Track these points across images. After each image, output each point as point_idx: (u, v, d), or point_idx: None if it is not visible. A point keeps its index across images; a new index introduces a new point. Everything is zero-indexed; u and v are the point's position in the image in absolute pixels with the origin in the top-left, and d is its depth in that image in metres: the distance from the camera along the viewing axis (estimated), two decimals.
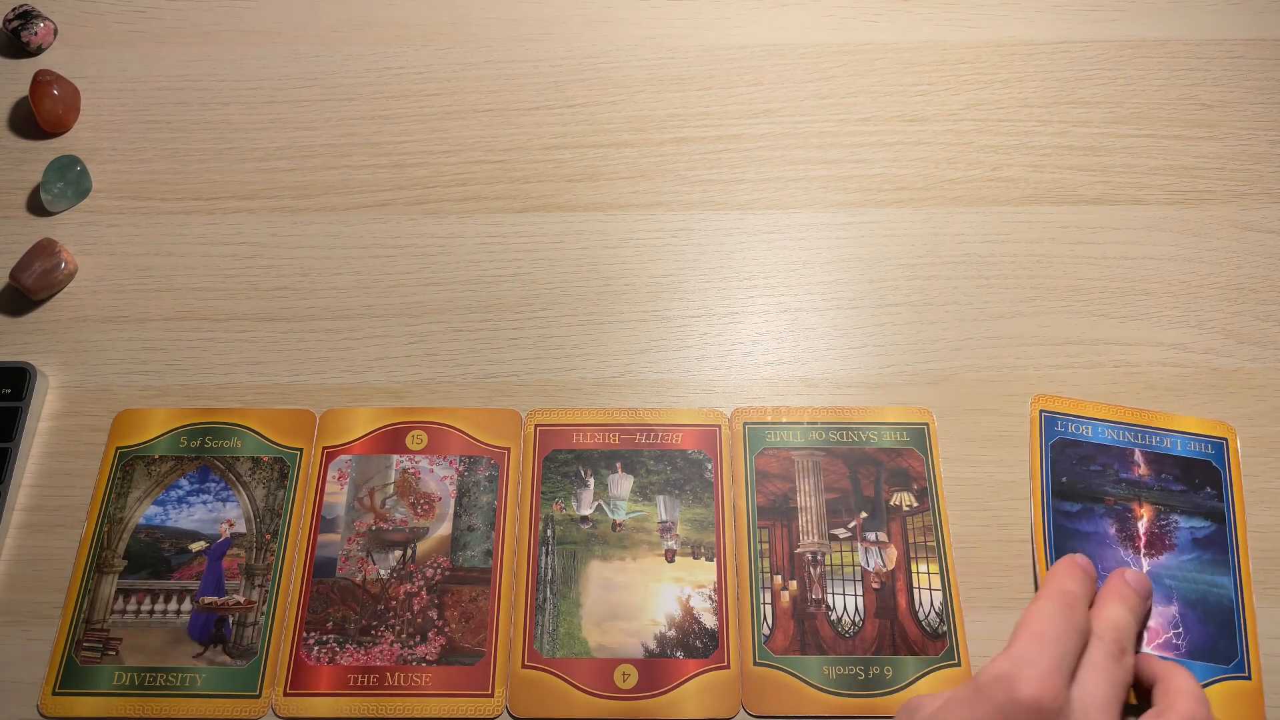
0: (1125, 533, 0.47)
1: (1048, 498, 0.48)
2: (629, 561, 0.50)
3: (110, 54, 0.66)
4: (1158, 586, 0.46)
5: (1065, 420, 0.50)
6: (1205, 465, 0.49)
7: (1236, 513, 0.48)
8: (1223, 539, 0.47)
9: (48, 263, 0.57)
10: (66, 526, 0.51)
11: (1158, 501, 0.48)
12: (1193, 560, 0.47)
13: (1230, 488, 0.49)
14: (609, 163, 0.62)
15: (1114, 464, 0.49)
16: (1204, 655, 0.45)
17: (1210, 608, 0.46)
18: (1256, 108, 0.63)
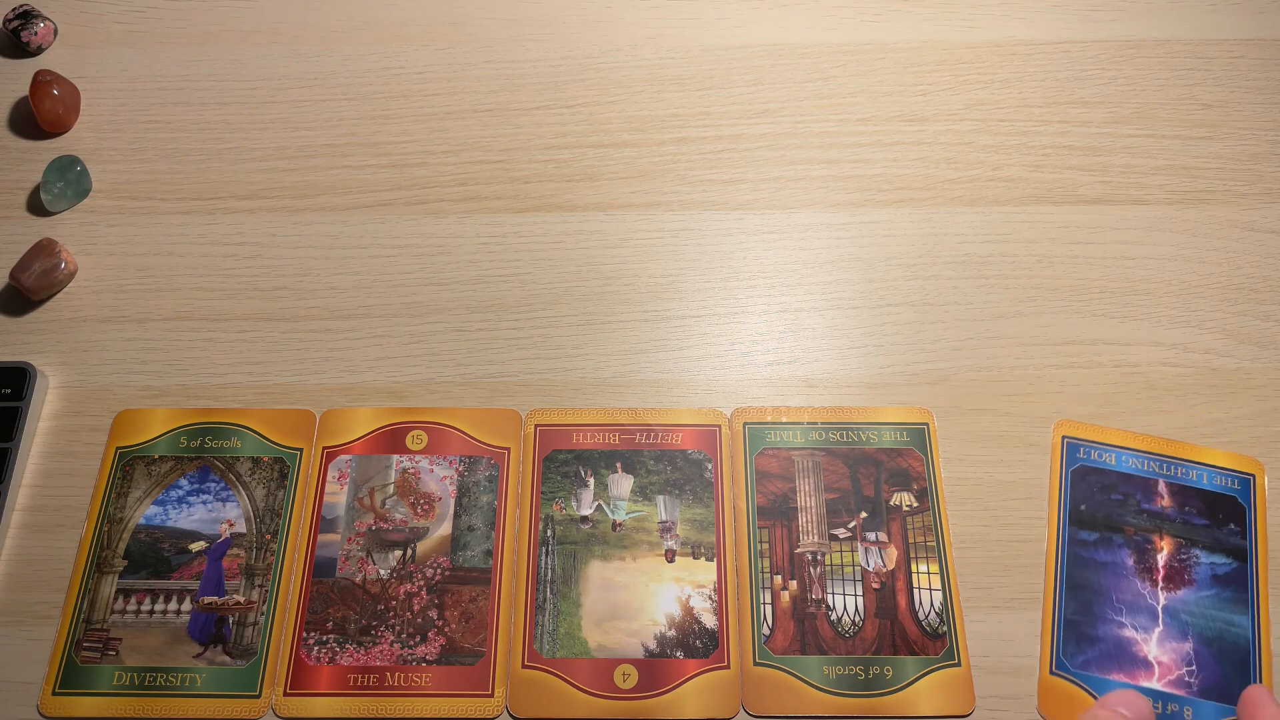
0: (1144, 564, 0.47)
1: (1064, 525, 0.48)
2: (629, 561, 0.50)
3: (110, 54, 0.66)
4: (1174, 621, 0.45)
5: (1088, 447, 0.49)
6: (1230, 501, 0.48)
7: (1260, 552, 0.47)
8: (1243, 578, 0.46)
9: (48, 263, 0.57)
10: (66, 526, 0.51)
11: (1179, 535, 0.47)
12: (1211, 597, 0.46)
13: (1255, 526, 0.48)
14: (609, 163, 0.62)
15: (1136, 494, 0.48)
16: (1216, 695, 0.44)
17: (1226, 647, 0.45)
18: (1257, 108, 0.63)
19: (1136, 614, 0.46)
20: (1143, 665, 0.45)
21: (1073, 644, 0.46)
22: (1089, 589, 0.47)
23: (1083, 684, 0.45)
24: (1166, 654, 0.45)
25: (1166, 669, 0.45)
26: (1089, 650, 0.45)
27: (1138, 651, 0.45)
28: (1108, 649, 0.45)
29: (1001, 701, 0.47)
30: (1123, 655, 0.45)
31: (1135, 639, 0.45)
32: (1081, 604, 0.46)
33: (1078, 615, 0.46)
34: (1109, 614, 0.46)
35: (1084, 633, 0.46)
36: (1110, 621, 0.46)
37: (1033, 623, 0.48)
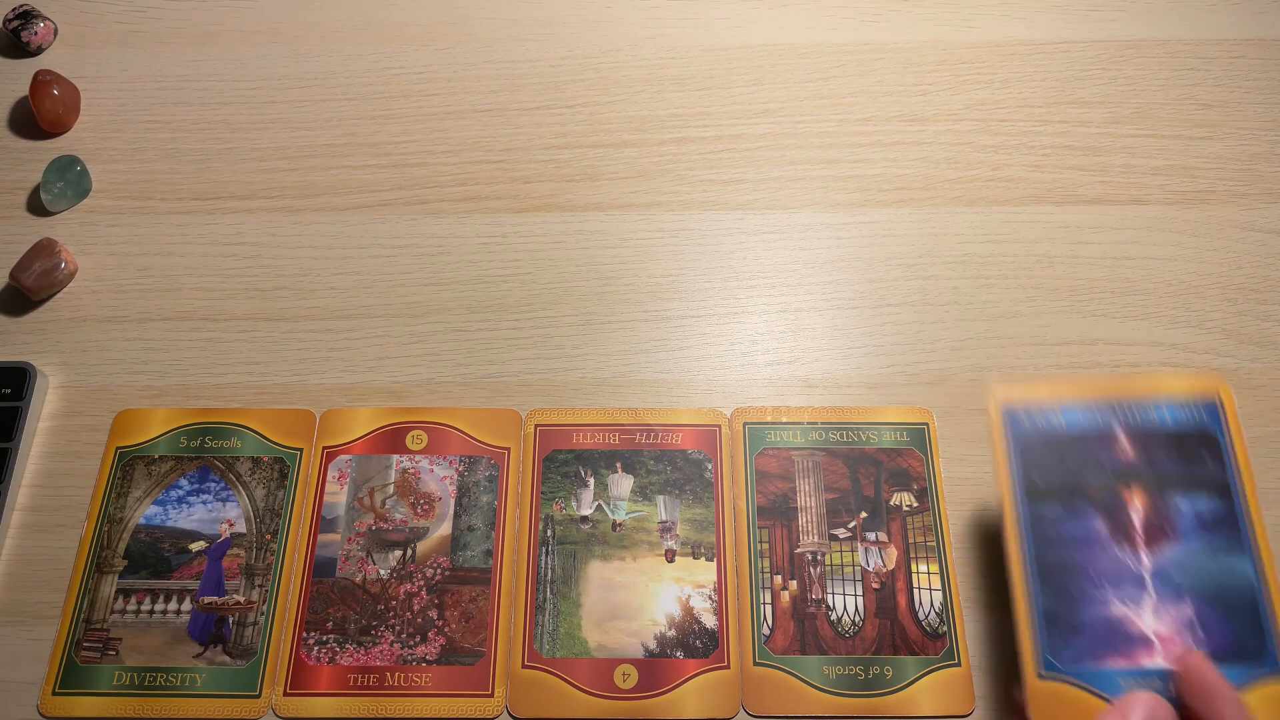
0: (1119, 528, 0.41)
1: (1023, 506, 0.42)
2: (629, 561, 0.50)
3: (110, 54, 0.66)
4: (1166, 585, 0.40)
5: (1030, 413, 0.43)
6: (1200, 433, 0.42)
7: (1243, 480, 0.41)
8: (1232, 515, 0.41)
9: (48, 263, 0.57)
10: (66, 526, 0.51)
11: (1151, 484, 0.41)
12: (1202, 546, 0.40)
13: (1232, 453, 0.42)
14: (609, 163, 0.62)
15: (1094, 451, 0.42)
16: (1231, 657, 0.38)
17: (1230, 599, 0.39)
18: (1257, 108, 0.63)
19: (1122, 586, 0.40)
20: (1141, 643, 0.39)
21: (1058, 638, 0.40)
22: (1064, 571, 0.41)
23: (1078, 681, 0.39)
24: (1165, 624, 0.39)
25: (1169, 641, 0.39)
26: (1077, 641, 0.40)
27: (1132, 629, 0.40)
28: (1098, 634, 0.40)
29: (1001, 701, 0.47)
30: (1116, 637, 0.40)
31: (1126, 615, 0.40)
32: (1058, 590, 0.41)
33: (1056, 604, 0.40)
34: (1091, 594, 0.40)
35: (1067, 622, 0.40)
36: (1094, 602, 0.40)
37: None
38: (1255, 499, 0.41)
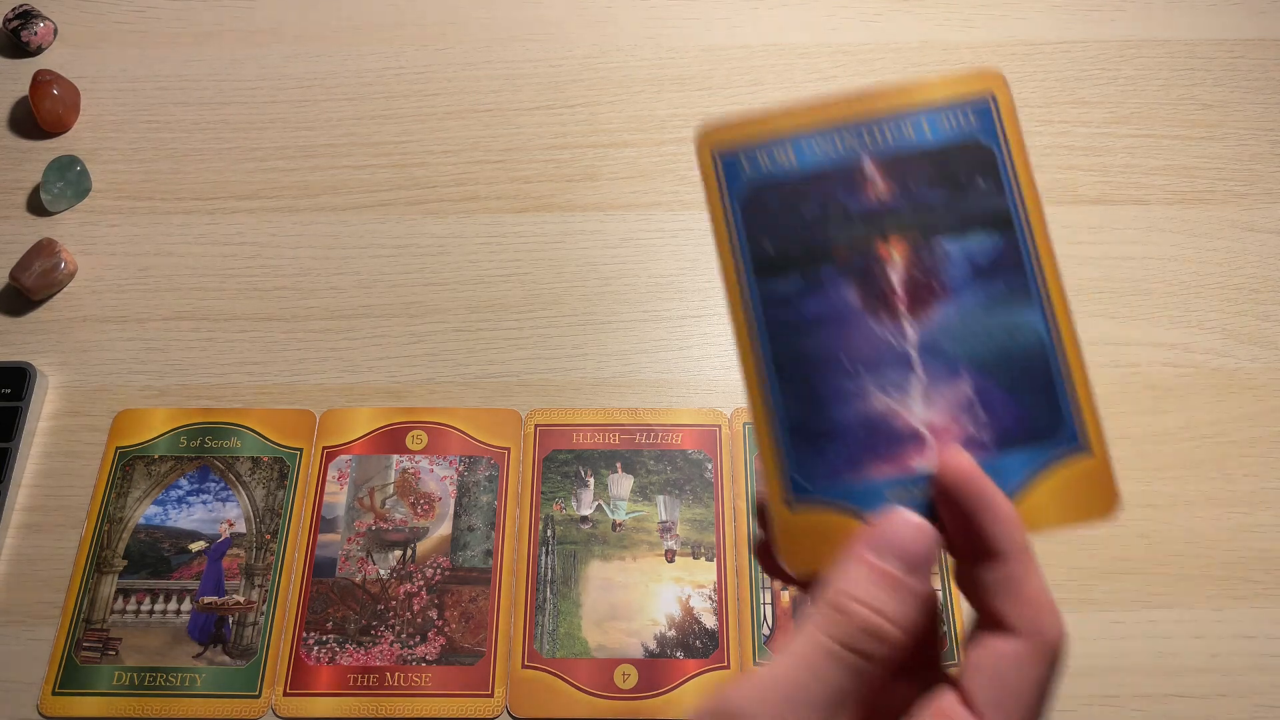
0: (874, 295, 0.32)
1: (750, 285, 0.32)
2: (629, 561, 0.50)
3: (110, 54, 0.66)
4: (936, 359, 0.31)
5: (753, 152, 0.33)
6: (969, 147, 0.33)
7: (1026, 204, 0.32)
8: (1014, 252, 0.32)
9: (47, 262, 0.57)
10: (66, 526, 0.51)
11: (912, 227, 0.32)
12: (978, 302, 0.31)
13: (1010, 170, 0.33)
14: (609, 163, 0.62)
15: (837, 193, 0.32)
16: (1021, 438, 0.30)
17: (1015, 364, 0.31)
18: (1257, 108, 0.63)
19: (884, 371, 0.31)
20: (910, 441, 0.31)
21: (807, 451, 0.31)
22: (808, 363, 0.32)
23: (835, 502, 0.30)
24: (938, 411, 0.30)
25: (943, 432, 0.30)
26: (831, 451, 0.31)
27: (898, 425, 0.31)
28: (856, 439, 0.31)
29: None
30: (879, 439, 0.31)
31: (890, 408, 0.31)
32: (803, 390, 0.32)
33: (802, 408, 0.31)
34: (845, 388, 0.31)
35: (817, 429, 0.31)
36: (849, 397, 0.31)
37: None
38: (1042, 228, 0.33)
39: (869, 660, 0.25)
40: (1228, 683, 0.47)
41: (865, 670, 0.25)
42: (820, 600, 0.26)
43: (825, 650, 0.25)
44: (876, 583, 0.26)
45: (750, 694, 0.25)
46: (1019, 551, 0.26)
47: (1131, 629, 0.48)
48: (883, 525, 0.27)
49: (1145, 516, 0.51)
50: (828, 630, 0.26)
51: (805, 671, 0.25)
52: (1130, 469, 0.52)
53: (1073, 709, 0.47)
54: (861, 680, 0.25)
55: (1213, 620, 0.48)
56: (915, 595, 0.26)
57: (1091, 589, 0.49)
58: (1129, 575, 0.50)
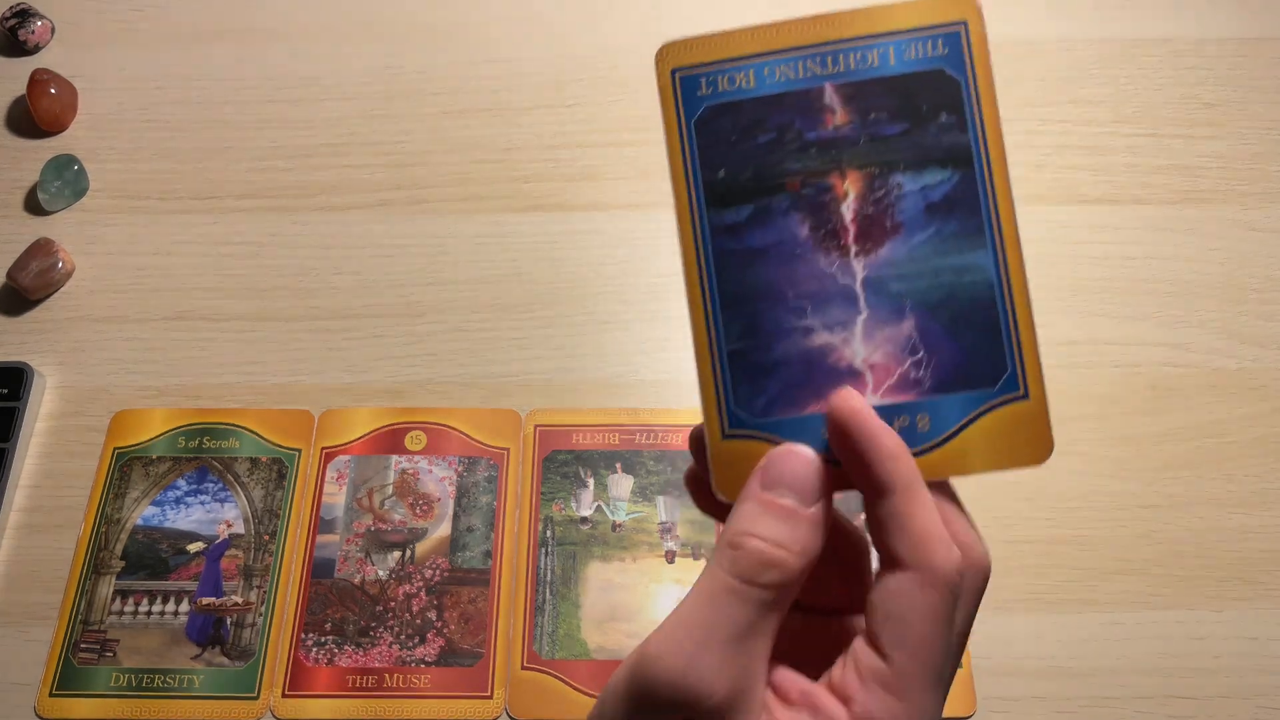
0: (824, 227, 0.31)
1: (700, 212, 0.31)
2: (629, 562, 0.50)
3: (108, 53, 0.66)
4: (881, 298, 0.30)
5: (714, 74, 0.32)
6: (934, 78, 0.31)
7: (989, 141, 0.32)
8: (971, 191, 0.31)
9: (45, 262, 0.57)
10: (64, 527, 0.51)
11: (868, 161, 0.31)
12: (929, 241, 0.31)
13: (975, 104, 0.32)
14: (609, 163, 0.62)
15: (795, 120, 0.31)
16: (960, 382, 0.30)
17: (961, 306, 0.30)
18: (1259, 107, 0.63)
19: (827, 307, 0.31)
20: (848, 378, 0.30)
21: (745, 384, 0.31)
22: (753, 295, 0.31)
23: (770, 436, 0.30)
24: (878, 351, 0.30)
25: (882, 372, 0.30)
26: (770, 384, 0.31)
27: (837, 361, 0.31)
28: (795, 374, 0.31)
29: (1002, 702, 0.46)
30: (818, 375, 0.31)
31: (831, 344, 0.31)
32: (746, 322, 0.31)
33: (744, 341, 0.31)
34: (788, 321, 0.31)
35: (758, 363, 0.31)
36: (793, 332, 0.31)
37: (1034, 623, 0.48)
38: (1003, 168, 0.32)
39: (770, 590, 0.26)
40: (1229, 684, 0.47)
41: (768, 600, 0.26)
42: (719, 541, 0.27)
43: (727, 587, 0.26)
44: (769, 516, 0.27)
45: (663, 640, 0.26)
46: (905, 487, 0.26)
47: (1132, 630, 0.48)
48: (771, 461, 0.28)
49: (1146, 517, 0.51)
50: (727, 568, 0.26)
51: (710, 610, 0.26)
52: (1131, 469, 0.52)
53: (1073, 710, 0.47)
54: (766, 611, 0.26)
55: (1214, 621, 0.48)
56: (810, 523, 0.26)
57: (1092, 589, 0.49)
58: (1130, 576, 0.49)
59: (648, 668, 0.25)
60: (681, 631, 0.26)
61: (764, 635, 0.26)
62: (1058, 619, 0.48)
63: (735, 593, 0.26)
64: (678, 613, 0.26)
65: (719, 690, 0.25)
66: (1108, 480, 0.52)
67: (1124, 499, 0.51)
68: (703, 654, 0.25)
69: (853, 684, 0.26)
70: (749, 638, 0.26)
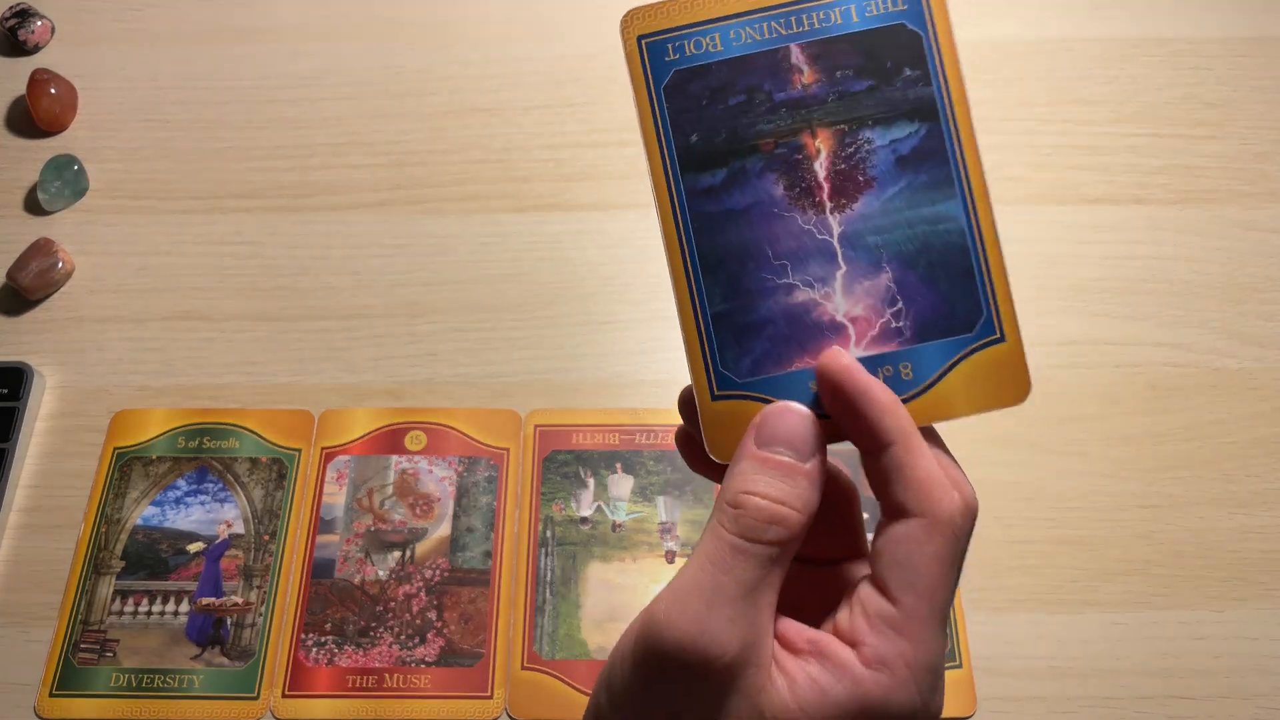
0: (799, 186, 0.32)
1: (675, 179, 0.32)
2: (629, 562, 0.50)
3: (108, 53, 0.66)
4: (858, 251, 0.31)
5: (679, 39, 0.32)
6: (896, 33, 0.32)
7: (951, 91, 0.32)
8: (938, 142, 0.32)
9: (45, 262, 0.57)
10: (64, 527, 0.51)
11: (837, 119, 0.32)
12: (901, 193, 0.32)
13: (937, 53, 0.32)
14: (609, 162, 0.61)
15: (764, 82, 0.32)
16: (939, 329, 0.31)
17: (936, 256, 0.31)
18: (1260, 107, 0.63)
19: (807, 264, 0.32)
20: (831, 333, 0.31)
21: (731, 346, 0.32)
22: (732, 257, 0.32)
23: (759, 395, 0.31)
24: (859, 304, 0.31)
25: (864, 324, 0.31)
26: (755, 344, 0.32)
27: (820, 317, 0.31)
28: (779, 331, 0.32)
29: (1002, 702, 0.46)
30: (801, 331, 0.32)
31: (813, 300, 0.32)
32: (728, 284, 0.32)
33: (727, 302, 0.32)
34: (768, 280, 0.32)
35: (742, 323, 0.32)
36: (773, 290, 0.32)
37: (1034, 623, 0.48)
38: (967, 117, 0.32)
39: (773, 546, 0.26)
40: (1230, 684, 0.47)
41: (773, 556, 0.26)
42: (719, 502, 0.27)
43: (730, 546, 0.26)
44: (766, 472, 0.27)
45: (671, 603, 0.26)
46: (903, 436, 0.27)
47: (1133, 630, 0.48)
48: (765, 419, 0.29)
49: (1147, 517, 0.51)
50: (730, 527, 0.27)
51: (715, 571, 0.26)
52: (1132, 469, 0.52)
53: (1074, 710, 0.47)
54: (771, 567, 0.26)
55: (1214, 621, 0.48)
56: (806, 477, 0.27)
57: (1093, 590, 0.49)
58: (1130, 576, 0.49)
59: (658, 632, 0.26)
60: (689, 594, 0.26)
61: (770, 590, 0.27)
62: (1058, 619, 0.48)
63: (740, 551, 0.26)
64: (683, 575, 0.27)
65: (731, 649, 0.25)
66: (1108, 480, 0.52)
67: (1124, 499, 0.51)
68: (712, 615, 0.26)
69: (862, 628, 0.26)
70: (756, 594, 0.26)
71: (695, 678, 0.26)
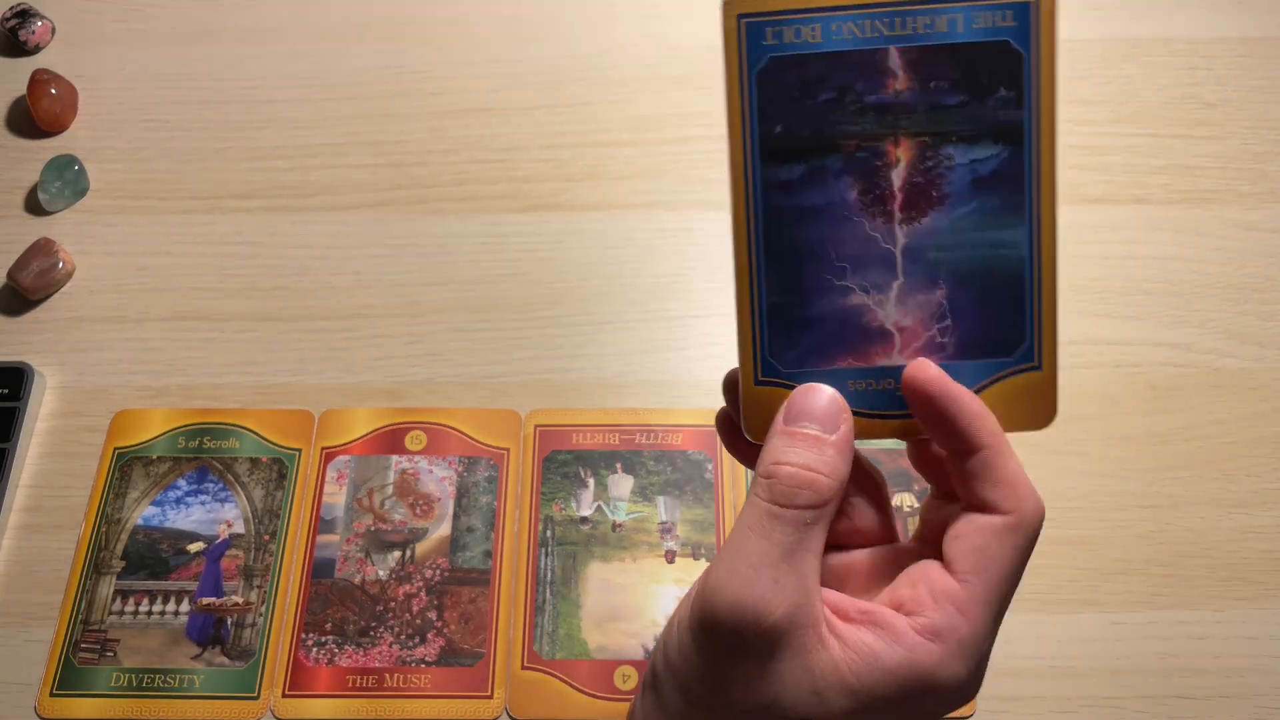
0: (873, 193, 0.31)
1: (754, 166, 0.32)
2: (629, 562, 0.50)
3: (108, 53, 0.66)
4: (919, 265, 0.32)
5: (780, 24, 0.31)
6: (998, 50, 0.31)
7: (1043, 121, 0.31)
8: (1017, 169, 0.31)
9: (45, 262, 0.57)
10: (64, 527, 0.51)
11: (923, 130, 0.31)
12: (971, 214, 0.31)
13: (1036, 77, 0.31)
14: (609, 163, 0.62)
15: (857, 82, 0.31)
16: (978, 350, 0.32)
17: (992, 281, 0.32)
18: (1259, 107, 0.63)
19: (867, 270, 0.32)
20: (878, 338, 0.32)
21: (781, 336, 0.32)
22: (797, 252, 0.32)
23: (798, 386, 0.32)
24: (910, 315, 0.32)
25: (910, 334, 0.32)
26: (805, 338, 0.32)
27: (870, 321, 0.32)
28: (829, 330, 0.32)
29: (1002, 703, 0.46)
30: (850, 332, 0.32)
31: (866, 305, 0.32)
32: (788, 278, 0.32)
33: (784, 295, 0.32)
34: (828, 280, 0.32)
35: (795, 316, 0.32)
36: (831, 290, 0.32)
37: (1034, 623, 0.48)
38: (1052, 148, 0.31)
39: (805, 510, 0.28)
40: (1230, 684, 0.47)
41: (805, 520, 0.28)
42: (756, 477, 0.29)
43: (768, 513, 0.28)
44: (797, 445, 0.29)
45: (720, 570, 0.28)
46: (994, 440, 0.29)
47: (1133, 630, 0.48)
48: (792, 399, 0.31)
49: (1147, 517, 0.51)
50: (764, 495, 0.29)
51: (755, 537, 0.28)
52: (1132, 469, 0.52)
53: (1073, 710, 0.47)
54: (807, 530, 0.28)
55: (1214, 621, 0.48)
56: (835, 447, 0.29)
57: (1093, 590, 0.49)
58: (1131, 576, 0.49)
59: (711, 597, 0.28)
60: (735, 559, 0.28)
61: (810, 552, 0.28)
62: (1058, 619, 0.48)
63: (775, 517, 0.28)
64: (728, 545, 0.29)
65: (778, 607, 0.27)
66: (1108, 480, 0.52)
67: (1124, 499, 0.51)
68: (757, 576, 0.27)
69: (925, 601, 0.28)
70: (796, 558, 0.28)
71: (746, 638, 0.27)
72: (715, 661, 0.28)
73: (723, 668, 0.28)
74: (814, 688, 0.27)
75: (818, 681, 0.27)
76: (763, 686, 0.28)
